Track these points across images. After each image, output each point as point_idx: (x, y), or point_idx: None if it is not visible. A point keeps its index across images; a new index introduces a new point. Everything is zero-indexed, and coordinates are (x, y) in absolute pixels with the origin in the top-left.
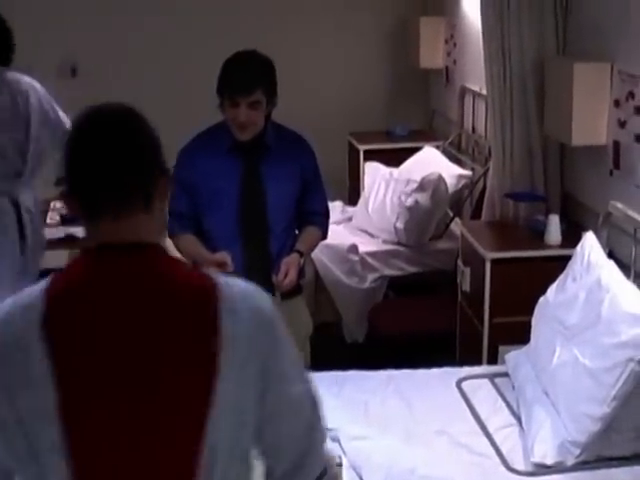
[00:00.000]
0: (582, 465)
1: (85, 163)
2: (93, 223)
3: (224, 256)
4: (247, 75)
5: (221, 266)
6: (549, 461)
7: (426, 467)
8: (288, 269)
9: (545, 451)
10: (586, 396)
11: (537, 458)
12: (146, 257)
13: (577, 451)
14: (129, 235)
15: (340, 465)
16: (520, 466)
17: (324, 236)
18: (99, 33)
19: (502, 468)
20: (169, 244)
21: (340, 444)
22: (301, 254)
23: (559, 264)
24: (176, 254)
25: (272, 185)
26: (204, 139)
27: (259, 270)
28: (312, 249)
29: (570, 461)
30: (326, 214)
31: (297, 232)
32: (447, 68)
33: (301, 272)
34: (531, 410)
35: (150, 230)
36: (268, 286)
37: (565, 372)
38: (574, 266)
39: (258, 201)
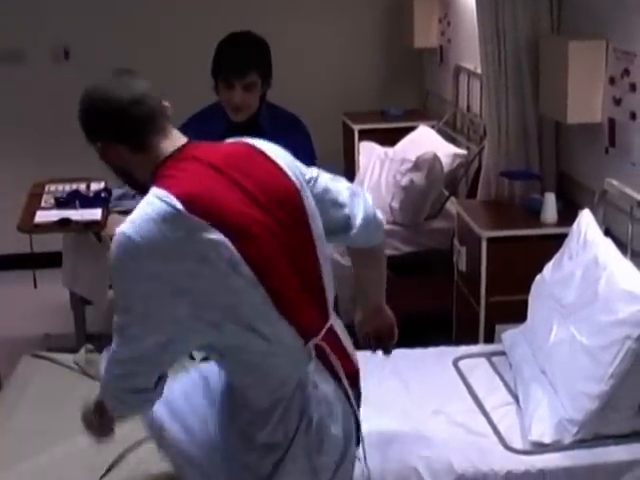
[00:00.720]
0: (580, 443)
1: None
2: None
3: None
4: (242, 57)
5: None
6: (547, 440)
7: (424, 447)
8: None
9: (543, 430)
10: (583, 374)
11: (535, 437)
12: None
13: (575, 429)
14: None
15: None
16: (518, 445)
17: None
18: (92, 16)
19: (500, 447)
20: None
21: None
22: None
23: (555, 242)
24: None
25: None
26: (198, 121)
27: None
28: None
29: (568, 439)
30: None
31: None
32: (441, 47)
33: None
34: (528, 389)
35: None
36: None
37: (562, 350)
38: (570, 244)
39: None
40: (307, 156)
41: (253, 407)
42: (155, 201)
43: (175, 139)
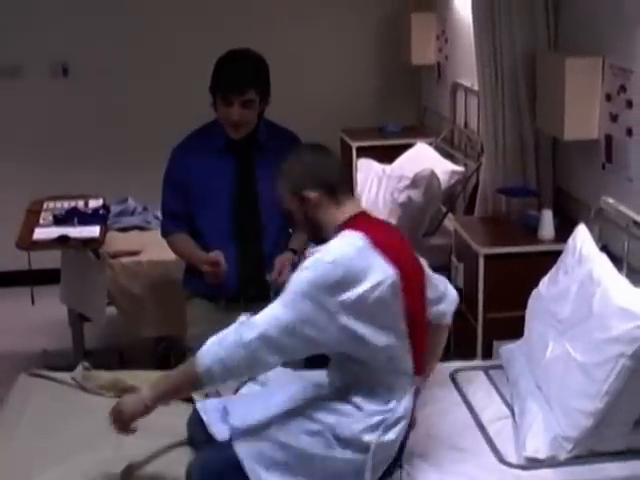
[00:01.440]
0: (575, 460)
1: None
2: None
3: (217, 255)
4: (240, 74)
5: (214, 265)
6: (541, 455)
7: (419, 459)
8: (282, 267)
9: (537, 445)
10: (578, 391)
11: (529, 452)
12: None
13: (569, 446)
14: None
15: None
16: (513, 459)
17: None
18: (90, 33)
19: (495, 460)
20: (164, 243)
21: None
22: (295, 252)
23: (552, 259)
24: (171, 254)
25: (265, 183)
26: (197, 138)
27: (253, 268)
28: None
29: (563, 456)
30: None
31: (291, 231)
32: (439, 64)
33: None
34: (524, 404)
35: None
36: (262, 284)
37: (557, 367)
38: (566, 259)
39: (251, 200)
40: None
41: None
42: (349, 238)
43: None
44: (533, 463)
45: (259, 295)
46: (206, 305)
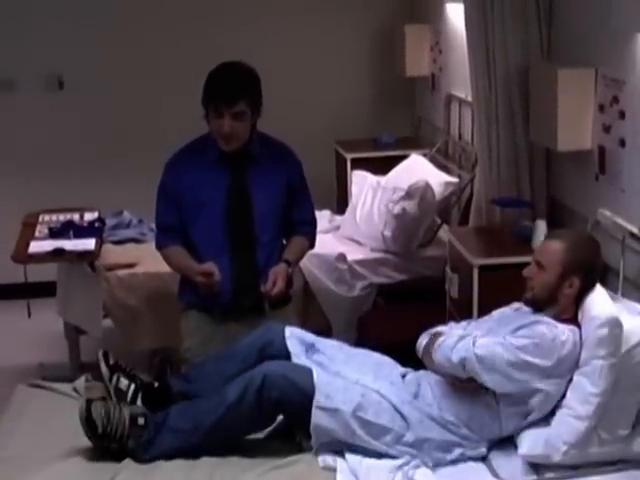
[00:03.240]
0: (568, 470)
1: None
2: None
3: (211, 267)
4: (231, 86)
5: (208, 276)
6: (536, 452)
7: (412, 470)
8: (276, 279)
9: (532, 444)
10: (570, 397)
11: (524, 450)
12: None
13: (564, 447)
14: None
15: (334, 470)
16: (506, 475)
17: (312, 245)
18: (86, 46)
19: (490, 476)
20: (159, 256)
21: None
22: (289, 264)
23: None
24: (166, 266)
25: (258, 195)
26: (190, 151)
27: (247, 280)
28: (300, 259)
29: (557, 457)
30: (313, 223)
31: (285, 242)
32: (433, 75)
33: (289, 282)
34: None
35: None
36: (256, 296)
37: None
38: None
39: (245, 212)
40: (299, 184)
41: None
42: None
43: None
44: (527, 477)
45: (253, 306)
46: (201, 317)
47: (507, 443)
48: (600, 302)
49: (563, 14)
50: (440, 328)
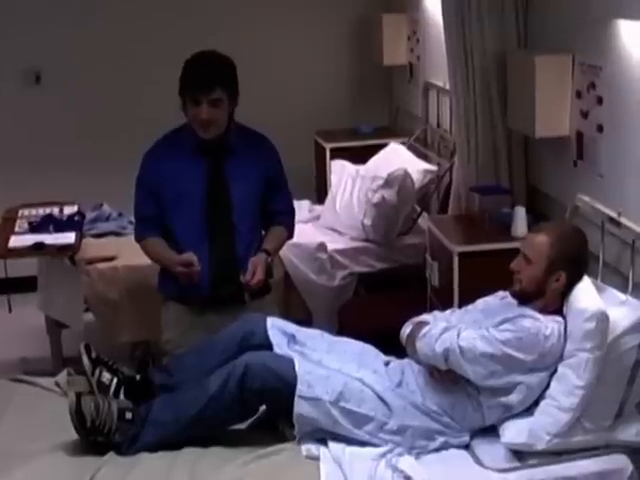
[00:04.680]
0: (552, 457)
1: None
2: None
3: (191, 256)
4: (207, 73)
5: (188, 266)
6: (519, 440)
7: (395, 458)
8: (255, 268)
9: (515, 433)
10: (554, 388)
11: (507, 439)
12: None
13: (547, 437)
14: None
15: (317, 459)
16: (490, 463)
17: (290, 235)
18: (63, 40)
19: (473, 464)
20: (139, 248)
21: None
22: (268, 253)
23: None
24: (147, 259)
25: (236, 186)
26: (167, 142)
27: (226, 271)
28: (279, 248)
29: (540, 445)
30: (291, 213)
31: (263, 232)
32: (410, 64)
33: (269, 271)
34: None
35: None
36: (236, 286)
37: None
38: None
39: (223, 202)
40: (277, 174)
41: None
42: None
43: None
44: (511, 465)
45: (233, 297)
46: (180, 308)
47: (490, 431)
48: (587, 294)
49: (539, 2)
50: (424, 317)
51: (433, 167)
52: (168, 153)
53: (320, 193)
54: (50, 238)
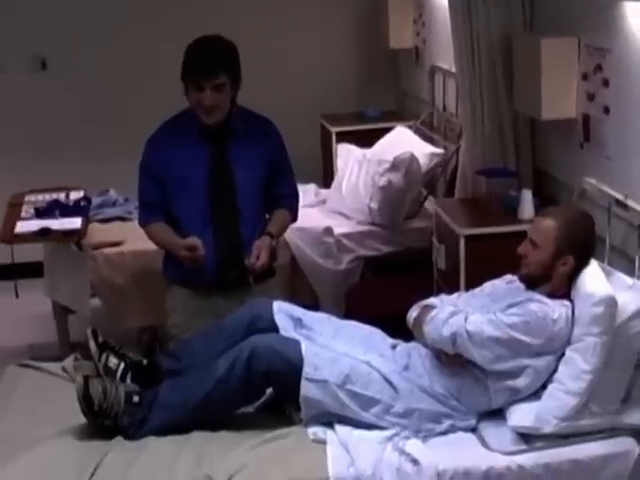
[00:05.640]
0: (559, 440)
1: None
2: None
3: (195, 240)
4: (210, 58)
5: (193, 250)
6: (527, 423)
7: (402, 441)
8: (260, 252)
9: (523, 417)
10: (561, 373)
11: (514, 422)
12: None
13: (555, 420)
14: None
15: (324, 442)
16: (497, 445)
17: (294, 218)
18: (69, 27)
19: (480, 446)
20: (142, 233)
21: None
22: (272, 237)
23: None
24: (153, 244)
25: (240, 170)
26: (170, 127)
27: (231, 254)
28: (283, 232)
29: (548, 429)
30: (295, 196)
31: (267, 216)
32: (417, 48)
33: (273, 255)
34: None
35: None
36: (240, 270)
37: None
38: None
39: (227, 186)
40: (280, 157)
41: None
42: None
43: None
44: (518, 447)
45: (238, 280)
46: (185, 292)
47: (497, 414)
48: (595, 279)
49: None
50: (431, 300)
51: (439, 150)
52: (171, 138)
53: (326, 177)
54: (56, 223)
